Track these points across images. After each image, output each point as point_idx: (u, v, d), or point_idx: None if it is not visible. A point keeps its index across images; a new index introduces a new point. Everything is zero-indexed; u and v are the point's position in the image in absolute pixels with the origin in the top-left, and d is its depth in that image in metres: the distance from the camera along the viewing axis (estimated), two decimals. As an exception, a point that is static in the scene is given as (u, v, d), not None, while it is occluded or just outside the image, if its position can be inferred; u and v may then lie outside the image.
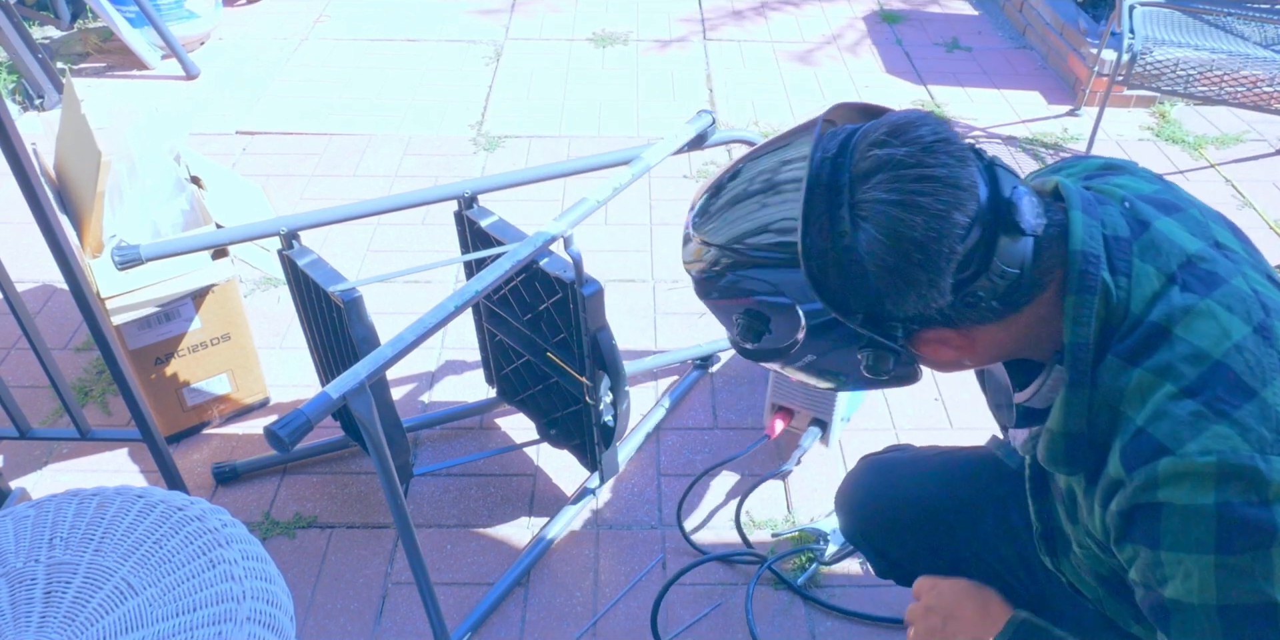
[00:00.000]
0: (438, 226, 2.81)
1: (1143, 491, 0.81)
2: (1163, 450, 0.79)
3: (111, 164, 1.82)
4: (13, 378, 2.27)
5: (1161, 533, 0.81)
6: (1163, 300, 0.83)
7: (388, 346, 1.32)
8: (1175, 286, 0.84)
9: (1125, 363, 0.83)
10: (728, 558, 1.84)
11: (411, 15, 4.22)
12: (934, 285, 0.82)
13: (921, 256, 0.80)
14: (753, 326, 0.91)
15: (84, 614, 0.61)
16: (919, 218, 0.79)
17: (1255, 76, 2.79)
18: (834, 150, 0.84)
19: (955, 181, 0.80)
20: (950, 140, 0.82)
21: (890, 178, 0.80)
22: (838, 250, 0.82)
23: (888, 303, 0.84)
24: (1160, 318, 0.83)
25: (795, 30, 4.13)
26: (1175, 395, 0.80)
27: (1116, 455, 0.83)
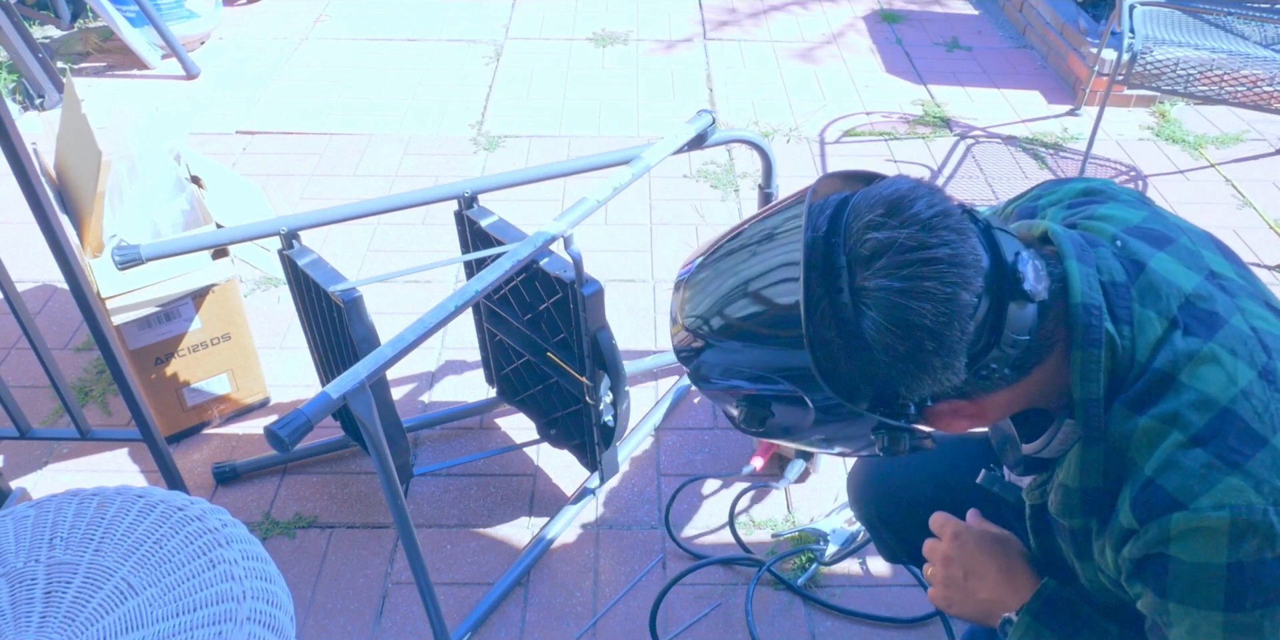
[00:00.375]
0: (438, 226, 2.81)
1: (1155, 544, 0.80)
2: (1175, 505, 0.78)
3: (111, 164, 1.82)
4: (13, 378, 2.27)
5: (1170, 586, 0.80)
6: (1166, 346, 0.82)
7: (388, 346, 1.32)
8: (1178, 331, 0.83)
9: (1131, 411, 0.82)
10: (726, 562, 1.83)
11: (411, 15, 4.22)
12: (949, 368, 0.80)
13: (935, 344, 0.78)
14: (756, 413, 0.88)
15: (84, 614, 0.61)
16: (928, 305, 0.77)
17: (1255, 76, 2.79)
18: (825, 227, 0.80)
19: (960, 260, 0.77)
20: (948, 213, 0.79)
21: (893, 264, 0.77)
22: (845, 337, 0.79)
23: (901, 388, 0.82)
24: (1165, 364, 0.82)
25: (795, 30, 4.13)
26: (1184, 444, 0.79)
27: (1127, 505, 0.82)
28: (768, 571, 1.80)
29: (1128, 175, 3.11)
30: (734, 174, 3.07)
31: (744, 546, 1.87)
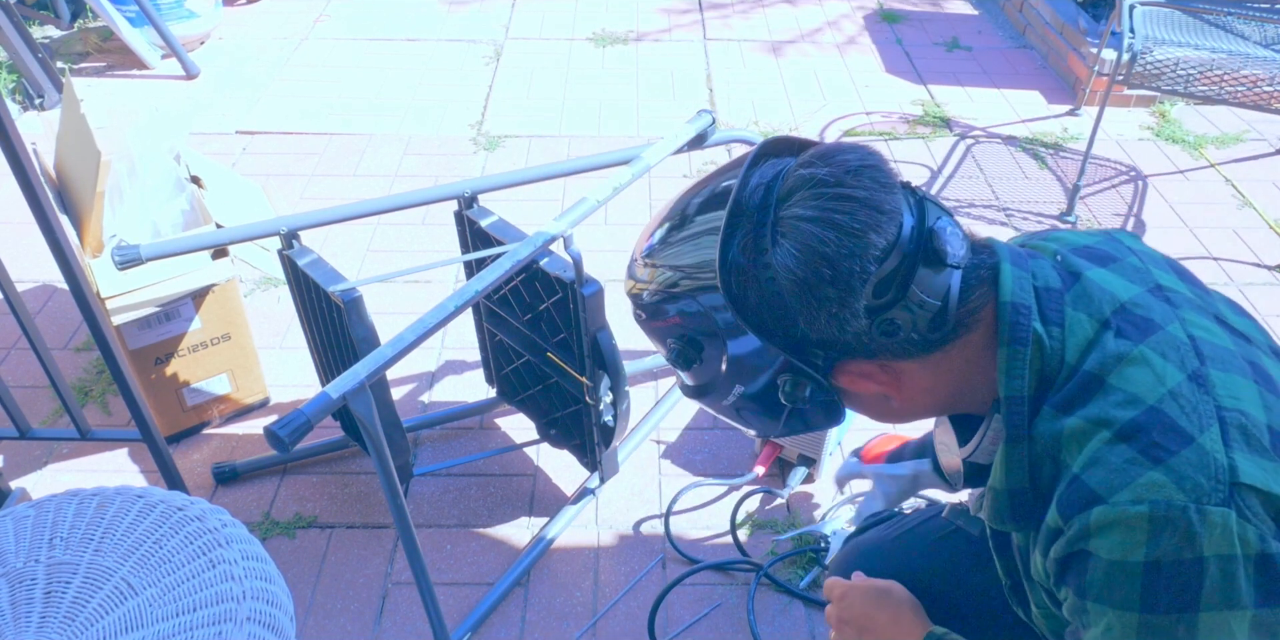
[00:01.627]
0: (438, 226, 2.81)
1: (1076, 540, 0.79)
2: (1095, 498, 0.78)
3: (111, 164, 1.82)
4: (13, 378, 2.27)
5: (1088, 583, 0.79)
6: (1097, 348, 0.83)
7: (388, 346, 1.32)
8: (1109, 332, 0.83)
9: (1059, 412, 0.82)
10: (723, 566, 1.83)
11: (411, 15, 4.22)
12: (845, 305, 0.81)
13: (831, 272, 0.80)
14: (685, 352, 0.91)
15: (84, 614, 0.61)
16: (832, 234, 0.79)
17: (1255, 76, 2.79)
18: (769, 177, 0.85)
19: (876, 204, 0.80)
20: (878, 167, 0.83)
21: (810, 195, 0.81)
22: (755, 267, 0.82)
23: (801, 321, 0.83)
24: (1093, 366, 0.82)
25: (795, 30, 4.13)
26: (1110, 440, 0.79)
27: (1055, 503, 0.82)
28: (765, 576, 1.80)
29: (1128, 175, 3.11)
30: (734, 174, 3.07)
31: (743, 551, 1.86)
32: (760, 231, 0.82)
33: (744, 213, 0.84)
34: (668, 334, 0.93)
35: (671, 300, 0.90)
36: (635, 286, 0.94)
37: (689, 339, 0.91)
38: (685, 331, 0.90)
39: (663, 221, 0.93)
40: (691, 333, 0.90)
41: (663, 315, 0.92)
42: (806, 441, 1.94)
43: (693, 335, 0.90)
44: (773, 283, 0.82)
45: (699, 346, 0.90)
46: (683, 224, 0.90)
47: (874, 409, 0.93)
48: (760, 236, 0.82)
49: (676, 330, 0.91)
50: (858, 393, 0.90)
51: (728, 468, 2.06)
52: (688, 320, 0.89)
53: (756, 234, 0.83)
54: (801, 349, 0.85)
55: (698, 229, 0.88)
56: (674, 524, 1.93)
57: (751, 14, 4.29)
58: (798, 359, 0.86)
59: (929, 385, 0.88)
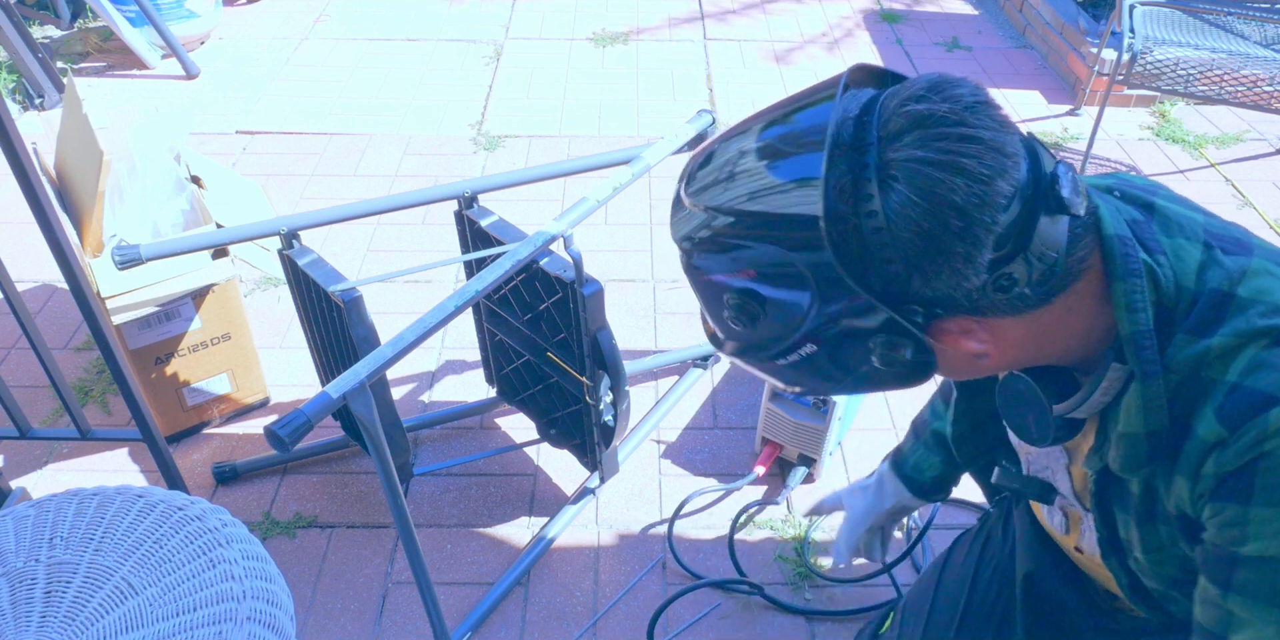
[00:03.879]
0: (438, 226, 2.81)
1: (1255, 445, 0.74)
2: (1270, 400, 0.73)
3: (111, 164, 1.82)
4: (13, 378, 2.27)
5: (1258, 488, 0.74)
6: (1213, 268, 0.79)
7: (388, 346, 1.32)
8: (1216, 251, 0.80)
9: (1196, 337, 0.77)
10: (722, 585, 1.81)
11: (411, 15, 4.22)
12: (970, 261, 0.72)
13: (962, 224, 0.71)
14: (747, 308, 0.79)
15: (84, 613, 0.61)
16: (961, 180, 0.70)
17: (1255, 76, 2.79)
18: (856, 110, 0.75)
19: (1000, 146, 0.72)
20: (993, 103, 0.74)
21: (930, 135, 0.71)
22: (863, 215, 0.72)
23: (916, 278, 0.73)
24: (1220, 284, 0.78)
25: (795, 30, 4.13)
26: (1268, 346, 0.75)
27: (1211, 418, 0.76)
28: (763, 597, 1.79)
29: (1128, 175, 3.11)
30: (734, 174, 3.07)
31: (740, 571, 1.85)
32: (863, 175, 0.72)
33: (842, 151, 0.73)
34: (727, 288, 0.80)
35: (743, 247, 0.78)
36: (691, 229, 0.81)
37: (753, 293, 0.79)
38: (751, 284, 0.79)
39: (724, 150, 0.81)
40: (759, 286, 0.78)
41: (727, 266, 0.80)
42: (807, 441, 1.94)
43: (758, 289, 0.78)
44: (886, 233, 0.72)
45: (763, 301, 0.79)
46: (759, 158, 0.78)
47: (961, 368, 0.84)
48: (864, 181, 0.72)
49: (740, 283, 0.79)
50: (952, 351, 0.80)
51: (728, 467, 2.06)
52: (761, 271, 0.77)
53: (859, 177, 0.72)
54: (903, 305, 0.75)
55: (778, 170, 0.77)
56: (675, 526, 1.93)
57: (751, 14, 4.29)
58: (899, 316, 0.75)
59: (1024, 338, 0.80)
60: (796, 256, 0.75)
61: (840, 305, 0.76)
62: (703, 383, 2.28)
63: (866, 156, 0.72)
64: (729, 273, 0.80)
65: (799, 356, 0.82)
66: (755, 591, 1.79)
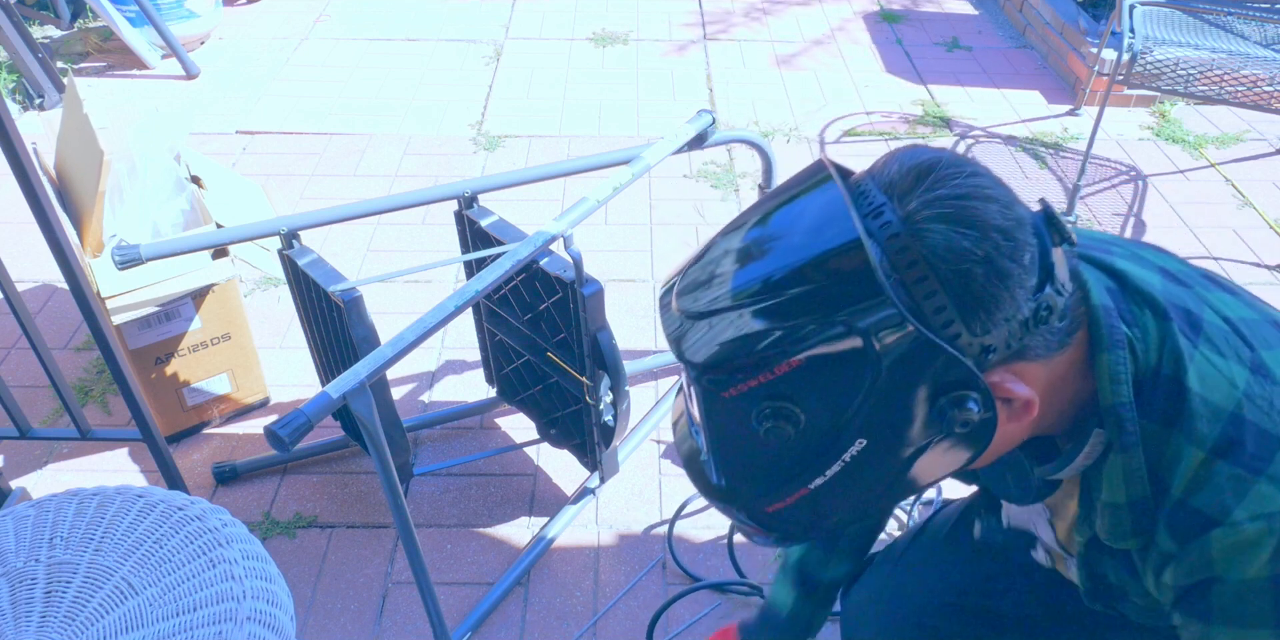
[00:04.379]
0: (438, 226, 2.81)
1: (1200, 569, 0.77)
2: (1209, 522, 0.75)
3: (111, 164, 1.82)
4: (13, 378, 2.27)
5: (1214, 609, 0.77)
6: (1168, 349, 0.79)
7: (388, 346, 1.32)
8: (1173, 324, 0.79)
9: (1161, 426, 0.78)
10: (722, 586, 1.81)
11: (411, 15, 4.22)
12: (1022, 284, 0.69)
13: (1010, 245, 0.68)
14: (787, 412, 0.71)
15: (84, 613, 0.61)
16: (994, 206, 0.69)
17: (1255, 76, 2.79)
18: (850, 185, 0.73)
19: (1004, 186, 0.71)
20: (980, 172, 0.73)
21: (943, 176, 0.70)
22: (904, 269, 0.68)
23: (979, 315, 0.69)
24: (1171, 369, 0.78)
25: (795, 30, 4.13)
26: (1206, 461, 0.76)
27: (1163, 530, 0.79)
28: (762, 598, 1.79)
29: (1128, 175, 3.11)
30: (734, 174, 3.07)
31: (740, 572, 1.85)
32: (893, 231, 0.69)
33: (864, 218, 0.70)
34: (761, 395, 0.72)
35: (778, 333, 0.70)
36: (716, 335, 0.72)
37: (796, 384, 0.70)
38: (793, 374, 0.70)
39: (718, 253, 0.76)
40: (801, 375, 0.70)
41: (762, 363, 0.71)
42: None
43: (801, 378, 0.70)
44: (930, 280, 0.68)
45: (808, 392, 0.71)
46: (770, 239, 0.73)
47: (1003, 433, 0.78)
48: (895, 236, 0.68)
49: (779, 379, 0.71)
50: (1010, 396, 0.74)
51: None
52: (808, 351, 0.69)
53: (892, 236, 0.69)
54: (961, 354, 0.70)
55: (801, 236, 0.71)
56: (675, 527, 1.93)
57: (751, 14, 4.29)
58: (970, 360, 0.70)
59: (1045, 392, 0.77)
60: (849, 316, 0.68)
61: (900, 368, 0.69)
62: (703, 383, 2.28)
63: (884, 217, 0.69)
64: (766, 371, 0.71)
65: (841, 466, 0.74)
66: (755, 592, 1.79)
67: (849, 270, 0.68)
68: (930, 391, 0.71)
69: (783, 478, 0.76)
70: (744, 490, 0.79)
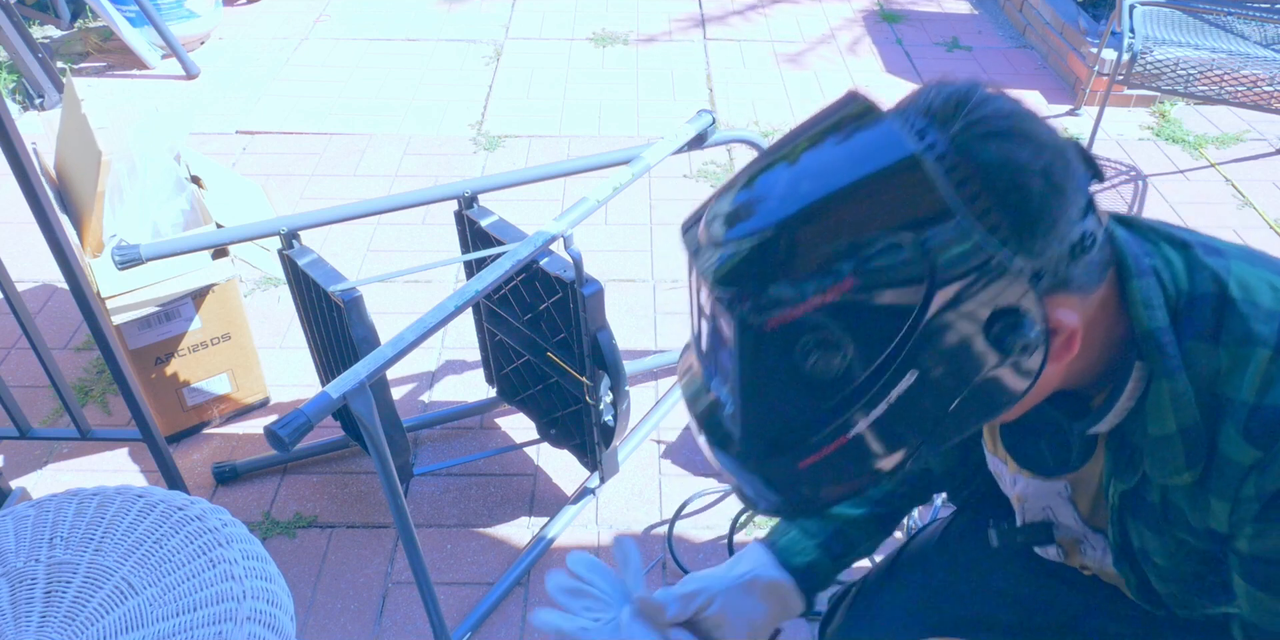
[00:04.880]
0: (438, 226, 2.81)
1: None
2: None
3: (111, 164, 1.82)
4: (13, 378, 2.27)
5: None
6: (1199, 269, 0.78)
7: (388, 346, 1.32)
8: (1197, 250, 0.79)
9: (1207, 343, 0.76)
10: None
11: (411, 15, 4.22)
12: (1075, 204, 0.68)
13: (1063, 163, 0.67)
14: (834, 339, 0.66)
15: (84, 613, 0.61)
16: (1042, 126, 0.68)
17: (1255, 76, 2.79)
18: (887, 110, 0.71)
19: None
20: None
21: (984, 98, 0.68)
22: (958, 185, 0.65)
23: (1037, 232, 0.66)
24: (1209, 286, 0.77)
25: (795, 30, 4.13)
26: (1273, 358, 0.75)
27: (1238, 439, 0.75)
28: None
29: (1128, 175, 3.11)
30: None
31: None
32: (941, 152, 0.66)
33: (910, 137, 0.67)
34: (805, 323, 0.66)
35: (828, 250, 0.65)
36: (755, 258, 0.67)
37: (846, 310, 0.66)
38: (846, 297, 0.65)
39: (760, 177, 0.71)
40: (854, 296, 0.65)
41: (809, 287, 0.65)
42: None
43: (853, 300, 0.65)
44: (985, 195, 0.65)
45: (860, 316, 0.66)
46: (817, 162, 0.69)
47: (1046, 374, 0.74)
48: (942, 156, 0.66)
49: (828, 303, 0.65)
50: (1060, 327, 0.71)
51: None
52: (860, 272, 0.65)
53: (938, 154, 0.66)
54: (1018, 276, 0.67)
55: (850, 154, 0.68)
56: (675, 527, 1.93)
57: (752, 14, 4.29)
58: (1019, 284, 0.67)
59: (1085, 327, 0.74)
60: (908, 232, 0.64)
61: (958, 287, 0.65)
62: (703, 383, 2.28)
63: (929, 139, 0.66)
64: (817, 294, 0.65)
65: (886, 406, 0.70)
66: None
67: (905, 187, 0.65)
68: (986, 315, 0.67)
69: (821, 425, 0.70)
70: (774, 446, 0.72)
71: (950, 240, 0.64)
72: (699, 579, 1.06)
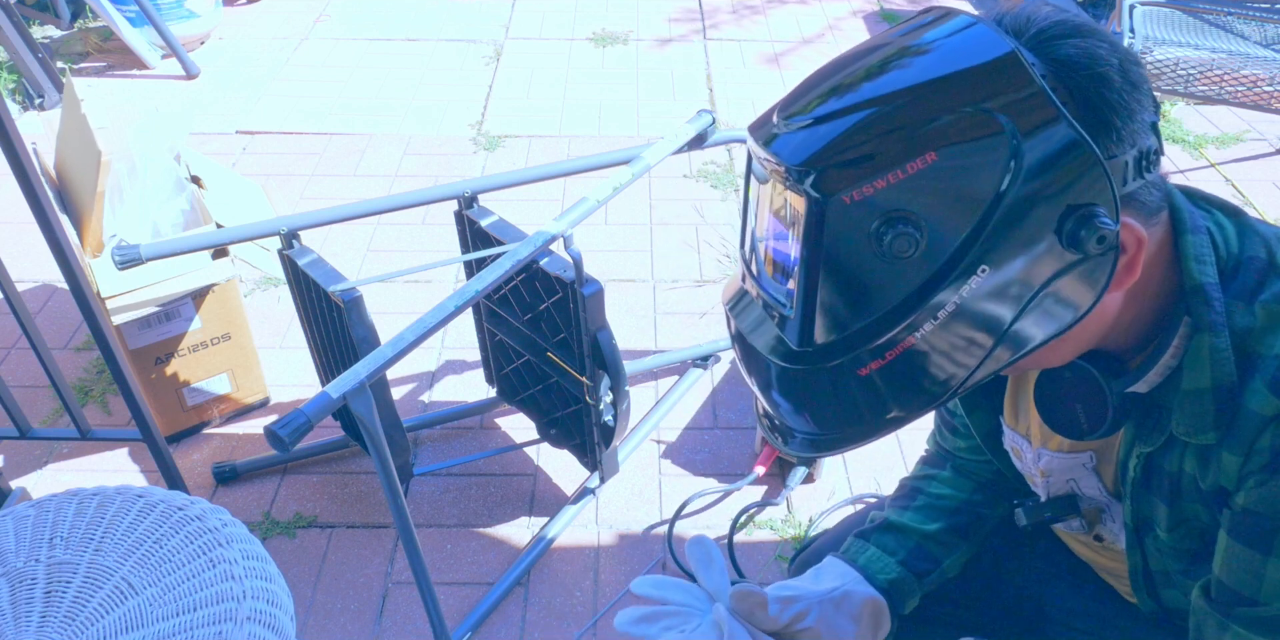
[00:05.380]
0: (438, 226, 2.81)
1: None
2: None
3: (111, 164, 1.82)
4: (13, 378, 2.27)
5: None
6: (1250, 235, 0.80)
7: (388, 346, 1.32)
8: (1249, 218, 0.81)
9: (1243, 302, 0.77)
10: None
11: (411, 15, 4.22)
12: (1145, 107, 0.69)
13: (1136, 63, 0.70)
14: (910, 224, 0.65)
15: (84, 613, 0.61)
16: (1108, 41, 0.70)
17: (1255, 76, 2.79)
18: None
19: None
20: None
21: (1052, 11, 0.71)
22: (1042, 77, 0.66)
23: (1114, 124, 0.67)
24: (1258, 251, 0.79)
25: (795, 29, 4.13)
26: None
27: (1263, 390, 0.75)
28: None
29: (1128, 175, 3.11)
30: (734, 174, 3.07)
31: (740, 571, 1.85)
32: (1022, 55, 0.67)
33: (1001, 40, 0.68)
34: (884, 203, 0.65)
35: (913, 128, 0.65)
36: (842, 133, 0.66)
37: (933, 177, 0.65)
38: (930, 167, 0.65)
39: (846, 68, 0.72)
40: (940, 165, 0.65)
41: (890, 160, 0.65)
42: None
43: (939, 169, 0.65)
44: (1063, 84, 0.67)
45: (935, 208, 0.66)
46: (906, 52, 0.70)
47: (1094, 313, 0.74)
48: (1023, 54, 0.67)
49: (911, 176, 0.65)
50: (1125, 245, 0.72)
51: (728, 467, 2.06)
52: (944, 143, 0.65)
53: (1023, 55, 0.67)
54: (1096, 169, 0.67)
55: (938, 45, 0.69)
56: (675, 527, 1.93)
57: (751, 14, 4.29)
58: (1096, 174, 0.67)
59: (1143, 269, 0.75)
60: (994, 106, 0.65)
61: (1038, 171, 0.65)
62: (703, 383, 2.28)
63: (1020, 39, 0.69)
64: (897, 168, 0.65)
65: (955, 306, 0.68)
66: None
67: (997, 74, 0.65)
68: (1062, 209, 0.67)
69: (890, 322, 0.68)
70: (835, 346, 0.70)
71: (1035, 126, 0.65)
72: (791, 587, 1.02)
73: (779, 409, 0.77)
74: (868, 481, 2.02)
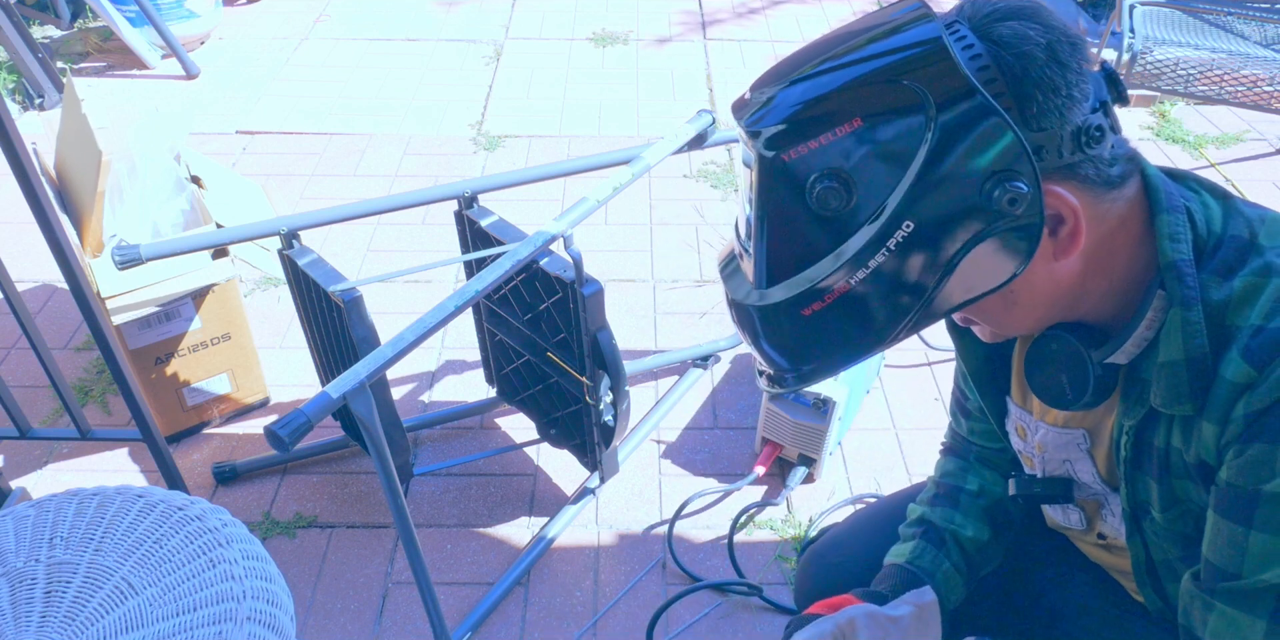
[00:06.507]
0: (438, 226, 2.81)
1: (1276, 387, 0.75)
2: None
3: (111, 164, 1.82)
4: (13, 378, 2.27)
5: None
6: (1235, 217, 0.82)
7: (388, 346, 1.32)
8: (1237, 201, 0.83)
9: (1221, 278, 0.79)
10: (721, 586, 1.80)
11: (411, 15, 4.22)
12: (1079, 85, 0.74)
13: (1071, 46, 0.74)
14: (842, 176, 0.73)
15: (84, 613, 0.61)
16: (1059, 20, 0.76)
17: (1255, 76, 2.79)
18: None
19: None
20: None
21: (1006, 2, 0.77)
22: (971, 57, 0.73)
23: (1035, 100, 0.73)
24: (1240, 230, 0.81)
25: (795, 29, 4.13)
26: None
27: (1238, 359, 0.77)
28: (761, 599, 1.79)
29: (1128, 175, 3.11)
30: (734, 174, 3.07)
31: (739, 572, 1.85)
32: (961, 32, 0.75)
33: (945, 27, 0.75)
34: (819, 161, 0.73)
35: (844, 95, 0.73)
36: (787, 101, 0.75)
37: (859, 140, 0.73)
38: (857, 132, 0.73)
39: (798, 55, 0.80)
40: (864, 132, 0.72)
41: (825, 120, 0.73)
42: (807, 441, 1.94)
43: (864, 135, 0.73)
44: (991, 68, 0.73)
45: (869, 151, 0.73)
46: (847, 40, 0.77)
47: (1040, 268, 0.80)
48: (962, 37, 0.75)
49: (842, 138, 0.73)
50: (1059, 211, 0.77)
51: (728, 467, 2.06)
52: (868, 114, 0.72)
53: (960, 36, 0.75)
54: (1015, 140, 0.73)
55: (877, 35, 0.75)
56: (675, 527, 1.93)
57: (752, 15, 4.29)
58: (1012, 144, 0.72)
59: (1097, 244, 0.80)
60: (915, 80, 0.72)
61: (956, 140, 0.72)
62: (703, 383, 2.28)
63: (954, 28, 0.75)
64: (828, 131, 0.73)
65: (884, 256, 0.75)
66: (754, 593, 1.79)
67: (921, 51, 0.72)
68: (981, 173, 0.73)
69: (826, 269, 0.76)
70: (782, 289, 0.78)
71: (950, 97, 0.71)
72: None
73: (757, 346, 0.84)
74: (868, 481, 2.02)
